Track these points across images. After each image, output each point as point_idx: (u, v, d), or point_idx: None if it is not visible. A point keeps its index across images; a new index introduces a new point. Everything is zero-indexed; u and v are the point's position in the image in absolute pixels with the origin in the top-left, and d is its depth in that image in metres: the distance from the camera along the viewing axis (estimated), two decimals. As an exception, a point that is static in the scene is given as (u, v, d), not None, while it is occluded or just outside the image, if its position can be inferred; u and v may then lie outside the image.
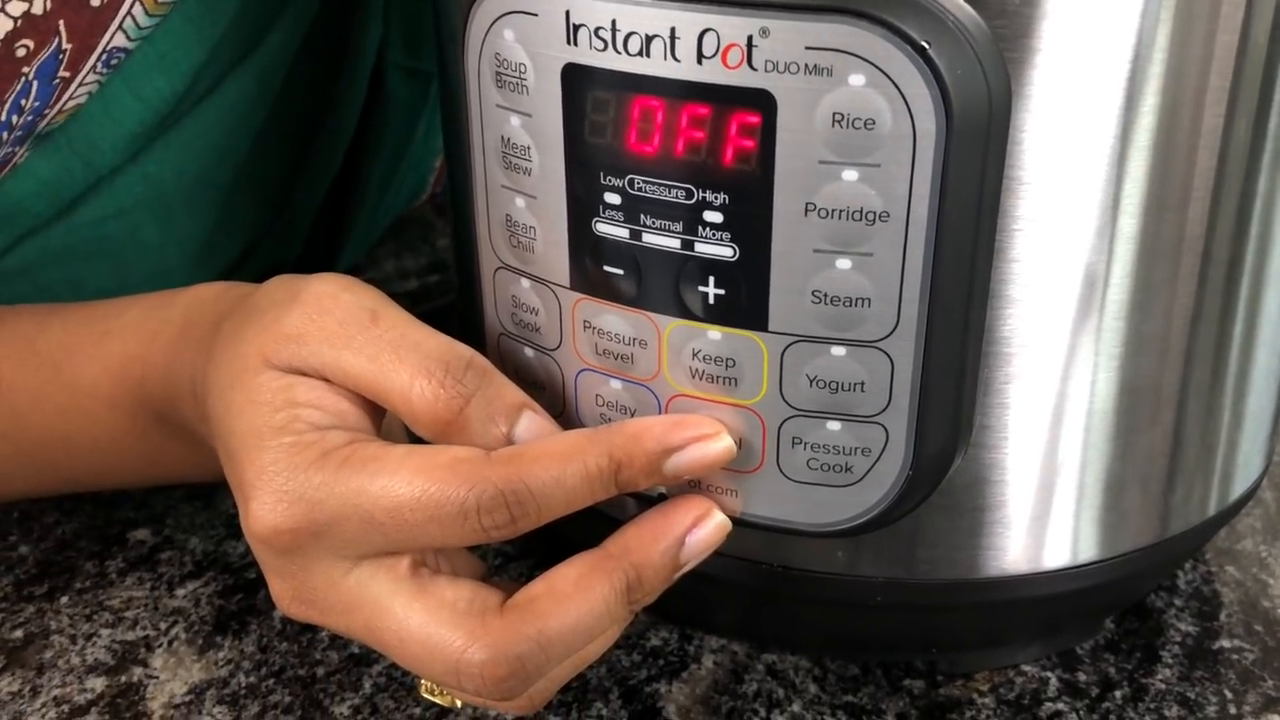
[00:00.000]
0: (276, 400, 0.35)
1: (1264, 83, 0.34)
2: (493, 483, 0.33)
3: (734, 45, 0.31)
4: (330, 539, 0.34)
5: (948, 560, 0.38)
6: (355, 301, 0.36)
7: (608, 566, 0.34)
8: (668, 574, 0.35)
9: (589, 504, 0.34)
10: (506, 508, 0.33)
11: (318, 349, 0.35)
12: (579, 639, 0.34)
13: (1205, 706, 0.41)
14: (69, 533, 0.50)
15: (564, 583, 0.34)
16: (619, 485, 0.34)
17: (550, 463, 0.33)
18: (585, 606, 0.34)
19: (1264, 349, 0.39)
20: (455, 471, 0.33)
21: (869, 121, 0.31)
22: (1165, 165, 0.34)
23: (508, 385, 0.36)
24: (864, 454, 0.35)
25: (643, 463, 0.34)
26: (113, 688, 0.43)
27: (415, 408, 0.35)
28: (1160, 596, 0.46)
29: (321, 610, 0.35)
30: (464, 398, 0.35)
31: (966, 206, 0.32)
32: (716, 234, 0.33)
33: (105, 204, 0.50)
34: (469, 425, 0.35)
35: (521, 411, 0.35)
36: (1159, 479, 0.39)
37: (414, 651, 0.34)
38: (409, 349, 0.35)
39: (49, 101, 0.43)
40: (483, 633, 0.33)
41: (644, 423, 0.35)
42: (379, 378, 0.35)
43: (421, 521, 0.33)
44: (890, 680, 0.43)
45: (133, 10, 0.43)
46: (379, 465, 0.33)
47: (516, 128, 0.35)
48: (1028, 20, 0.31)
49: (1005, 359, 0.35)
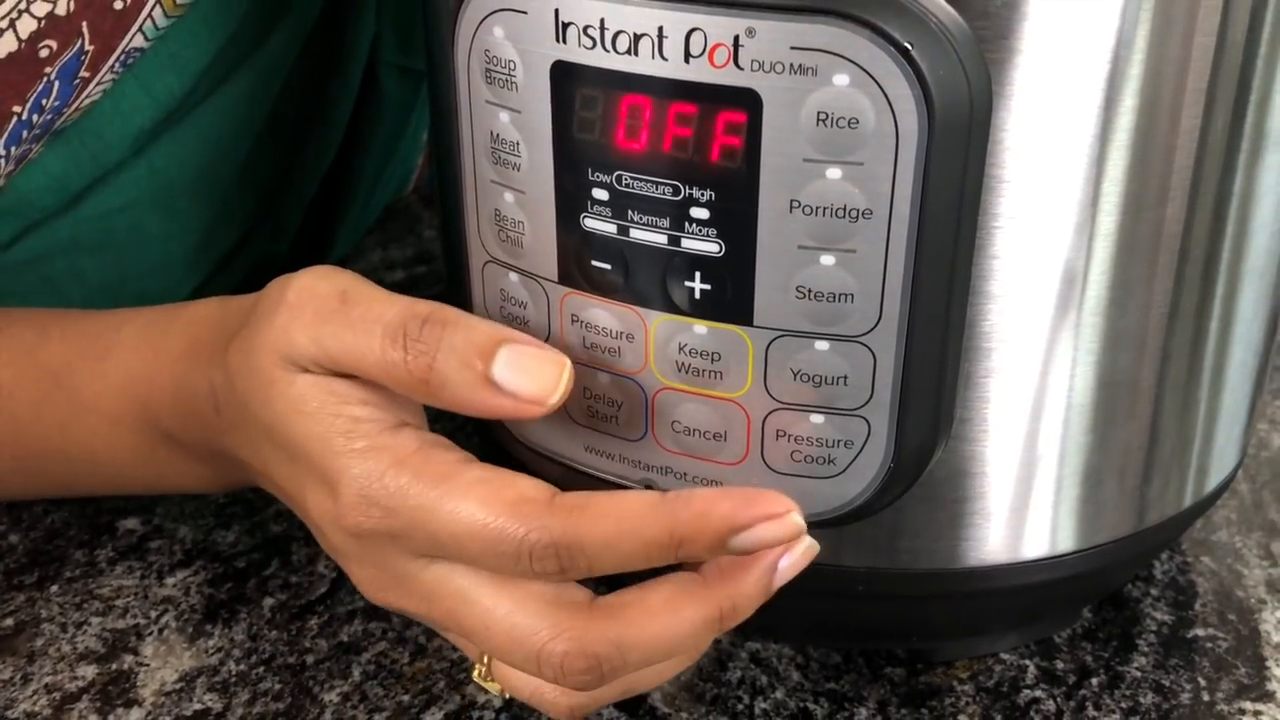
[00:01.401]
0: (327, 407, 0.36)
1: (1240, 84, 0.34)
2: (550, 531, 0.33)
3: (720, 45, 0.31)
4: (404, 543, 0.35)
5: (928, 550, 0.39)
6: (328, 288, 0.36)
7: (702, 594, 0.34)
8: (759, 600, 0.35)
9: (647, 567, 0.34)
10: (556, 558, 0.33)
11: (305, 343, 0.36)
12: (659, 653, 0.34)
13: (1180, 694, 0.42)
14: (59, 522, 0.50)
15: (656, 598, 0.34)
16: (679, 558, 0.34)
17: (608, 524, 0.33)
18: (671, 625, 0.34)
19: (1239, 345, 0.40)
20: (518, 512, 0.33)
21: (853, 121, 0.31)
22: (1143, 164, 0.34)
23: (477, 326, 0.35)
24: (846, 446, 0.35)
25: (708, 540, 0.33)
26: (103, 675, 0.43)
27: (392, 376, 0.35)
28: (1137, 586, 0.47)
29: (402, 596, 0.36)
30: (428, 354, 0.35)
31: (948, 204, 0.32)
32: (703, 230, 0.34)
33: (111, 197, 0.50)
34: (445, 379, 0.35)
35: (498, 348, 0.35)
36: (1136, 471, 0.40)
37: (498, 639, 0.34)
38: (372, 321, 0.35)
39: (69, 101, 0.44)
40: (569, 625, 0.34)
41: (712, 497, 0.33)
42: (355, 356, 0.35)
43: (479, 553, 0.34)
44: (872, 668, 0.43)
45: (153, 13, 0.43)
46: (448, 488, 0.34)
47: (506, 124, 0.36)
48: (1008, 22, 0.31)
49: (985, 354, 0.36)
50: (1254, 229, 0.38)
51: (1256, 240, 0.38)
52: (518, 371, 0.35)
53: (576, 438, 0.39)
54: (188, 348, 0.41)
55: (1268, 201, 0.37)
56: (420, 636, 0.45)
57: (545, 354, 0.35)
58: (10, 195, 0.48)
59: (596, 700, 0.36)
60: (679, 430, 0.37)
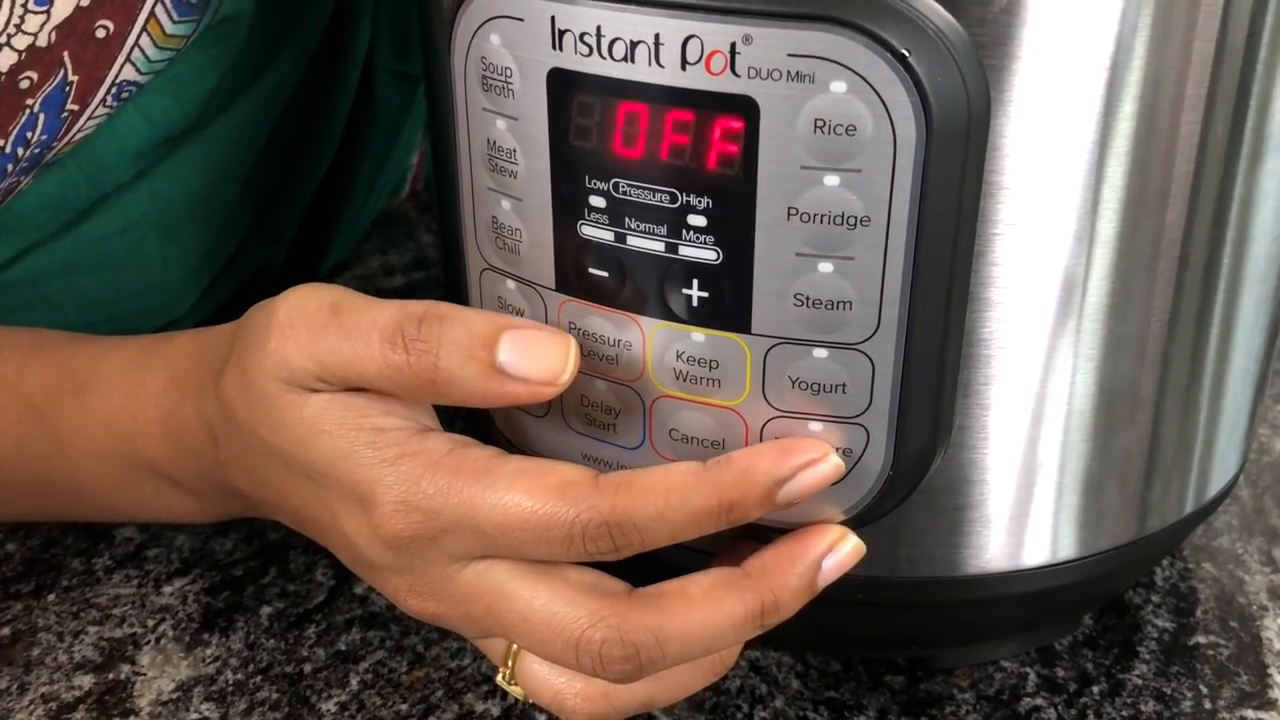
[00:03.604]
0: (347, 422, 0.35)
1: (1240, 89, 0.34)
2: (599, 511, 0.33)
3: (717, 52, 0.31)
4: (446, 544, 0.35)
5: (928, 558, 0.38)
6: (317, 303, 0.36)
7: (744, 586, 0.34)
8: (803, 598, 0.35)
9: (698, 536, 0.34)
10: (610, 536, 0.33)
11: (303, 363, 0.35)
12: (698, 646, 0.34)
13: (1181, 701, 0.42)
14: (56, 530, 0.50)
15: (696, 589, 0.34)
16: (730, 522, 0.34)
17: (656, 498, 0.33)
18: (712, 616, 0.34)
19: (1240, 350, 0.40)
20: (564, 495, 0.33)
21: (850, 128, 0.31)
22: (1143, 170, 0.34)
23: (476, 318, 0.35)
24: (845, 454, 0.35)
25: (756, 498, 0.34)
26: (100, 685, 0.43)
27: (397, 381, 0.35)
28: (1138, 593, 0.47)
29: (439, 600, 0.36)
30: (431, 352, 0.34)
31: (946, 211, 0.32)
32: (700, 237, 0.34)
33: (111, 220, 0.50)
34: (452, 374, 0.34)
35: (500, 336, 0.34)
36: (1137, 478, 0.40)
37: (537, 630, 0.34)
38: (368, 328, 0.35)
39: (57, 134, 0.44)
40: (607, 613, 0.34)
41: (751, 456, 0.34)
42: (357, 366, 0.35)
43: (529, 540, 0.34)
44: (872, 676, 0.43)
45: (140, 42, 0.43)
46: (491, 480, 0.34)
47: (502, 131, 0.36)
48: (1007, 28, 0.31)
49: (985, 361, 0.36)
50: (1254, 234, 0.38)
51: (1257, 245, 0.38)
52: (524, 355, 0.34)
53: (574, 446, 0.39)
54: (168, 382, 0.41)
55: (1268, 207, 0.37)
56: (418, 645, 0.44)
57: (548, 334, 0.35)
58: (7, 215, 0.47)
59: (617, 710, 0.36)
60: (677, 438, 0.37)
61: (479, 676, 0.43)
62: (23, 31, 0.40)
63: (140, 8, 0.43)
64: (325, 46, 0.57)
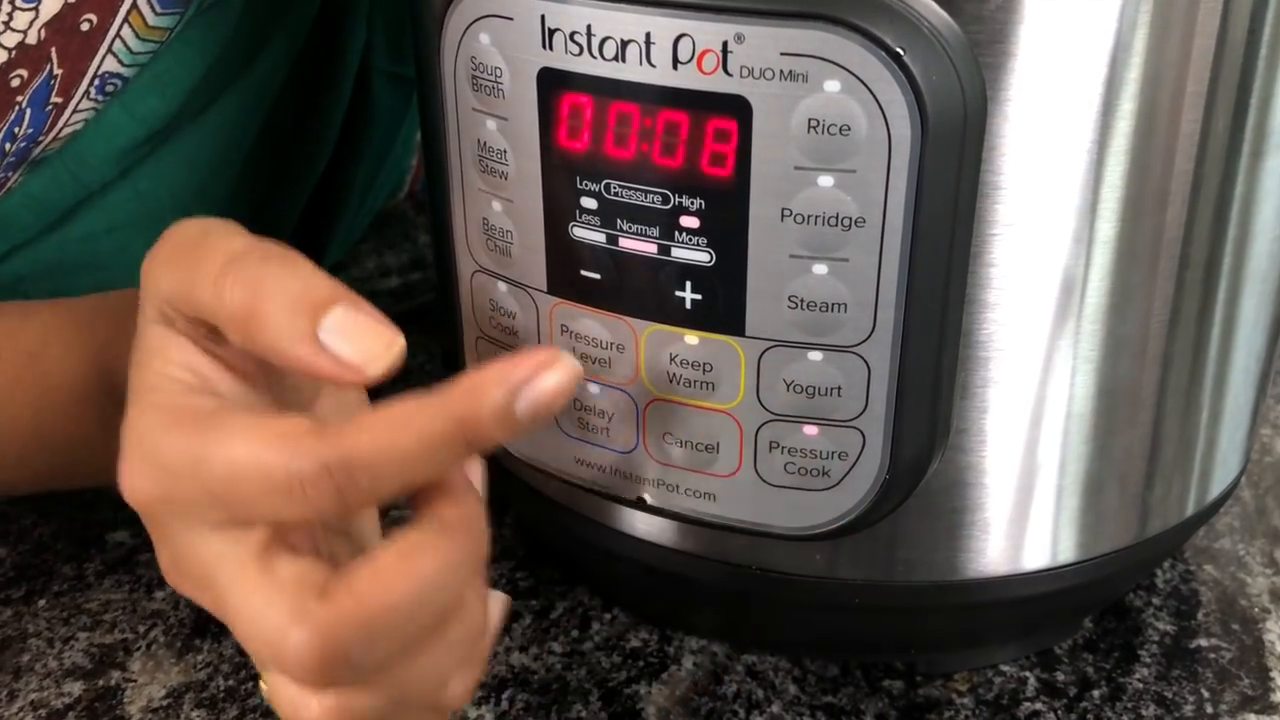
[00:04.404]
0: (154, 359, 0.33)
1: (1240, 87, 0.34)
2: (316, 454, 0.30)
3: (709, 51, 0.31)
4: (180, 507, 0.32)
5: (926, 562, 0.38)
6: (196, 229, 0.34)
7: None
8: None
9: (441, 472, 0.32)
10: (331, 480, 0.30)
11: (157, 282, 0.34)
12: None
13: (1182, 705, 0.42)
14: (47, 535, 0.50)
15: (385, 555, 0.31)
16: (470, 446, 0.31)
17: (380, 431, 0.30)
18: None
19: (1241, 350, 0.39)
20: (284, 442, 0.31)
21: (844, 127, 0.31)
22: (1142, 169, 0.34)
23: (320, 280, 0.32)
24: (841, 458, 0.35)
25: (490, 411, 0.31)
26: (90, 691, 0.42)
27: (216, 308, 0.32)
28: (1139, 595, 0.46)
29: (187, 579, 0.33)
30: (258, 290, 0.32)
31: (942, 212, 0.32)
32: (693, 239, 0.33)
33: (97, 219, 0.50)
34: (267, 320, 0.31)
35: (333, 305, 0.32)
36: (1137, 480, 0.39)
37: (244, 632, 0.32)
38: (218, 252, 0.32)
39: (43, 129, 0.43)
40: (302, 614, 0.31)
41: (479, 373, 0.31)
42: (194, 291, 0.33)
43: (255, 494, 0.31)
44: (869, 681, 0.43)
45: (121, 33, 0.43)
46: (219, 434, 0.31)
47: (493, 131, 0.35)
48: (1003, 26, 0.31)
49: (983, 362, 0.35)
50: (1255, 233, 0.37)
51: (1258, 244, 0.37)
52: (344, 335, 0.32)
53: (567, 450, 0.38)
54: None
55: (1269, 205, 0.37)
56: (412, 650, 0.44)
57: (379, 326, 0.32)
58: None
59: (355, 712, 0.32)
60: (670, 442, 0.36)
61: (473, 682, 0.43)
62: (11, 29, 0.40)
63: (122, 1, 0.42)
64: (319, 48, 0.57)
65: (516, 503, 0.49)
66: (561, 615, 0.46)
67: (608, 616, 0.45)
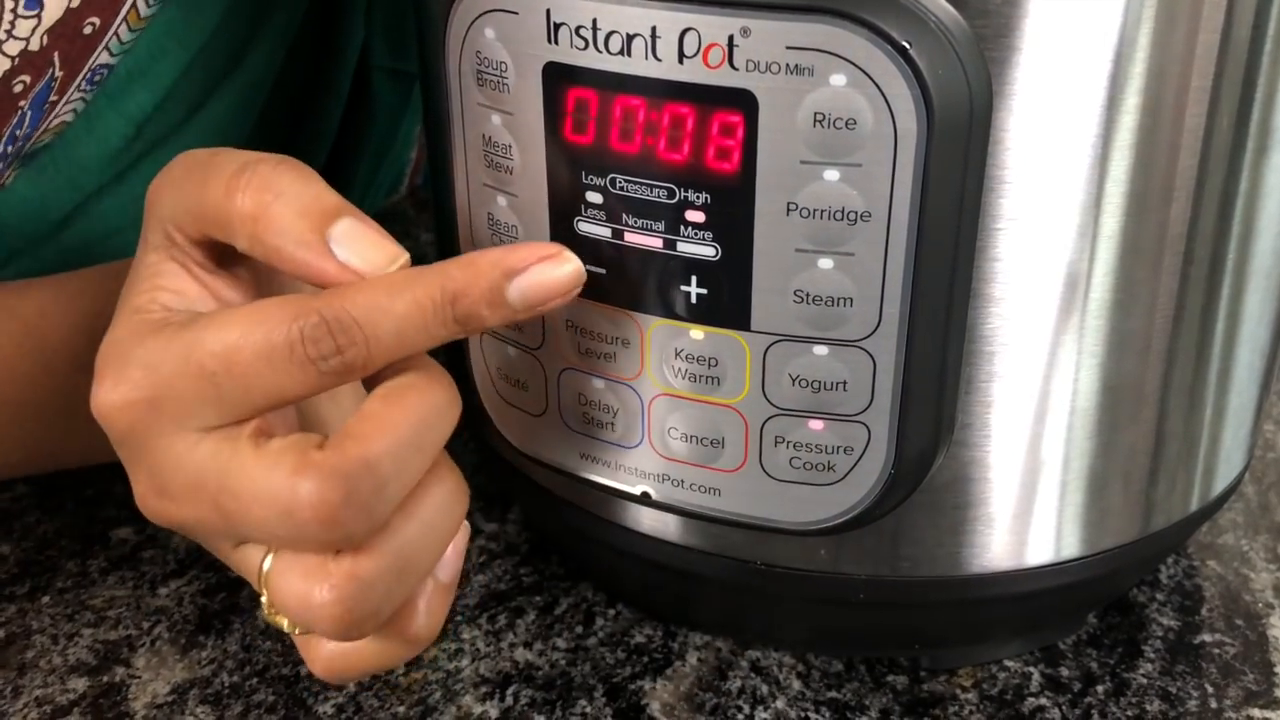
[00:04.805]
0: (144, 284, 0.34)
1: (1245, 82, 0.34)
2: (316, 310, 0.31)
3: (715, 45, 0.31)
4: (168, 406, 0.32)
5: (930, 558, 0.38)
6: (204, 151, 0.34)
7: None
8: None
9: (428, 343, 0.32)
10: (330, 335, 0.31)
11: (167, 201, 0.34)
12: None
13: (1186, 701, 0.42)
14: (51, 532, 0.50)
15: (373, 402, 0.32)
16: (458, 319, 0.32)
17: (376, 292, 0.31)
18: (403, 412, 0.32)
19: (1245, 346, 0.39)
20: (282, 307, 0.31)
21: (850, 121, 0.31)
22: (1147, 164, 0.34)
23: (330, 191, 0.33)
24: (846, 453, 0.35)
25: (481, 291, 0.32)
26: (95, 688, 0.42)
27: (231, 213, 0.32)
28: (1142, 591, 0.46)
29: (174, 497, 0.33)
30: (269, 192, 0.32)
31: (948, 206, 0.32)
32: (699, 233, 0.33)
33: (94, 225, 0.50)
34: (277, 222, 0.32)
35: (341, 216, 0.32)
36: (1141, 475, 0.39)
37: (254, 512, 0.32)
38: (231, 159, 0.33)
39: (38, 125, 0.43)
40: (306, 465, 0.31)
41: (480, 252, 0.32)
42: (203, 198, 0.33)
43: (251, 361, 0.31)
44: (874, 676, 0.43)
45: (118, 30, 0.43)
46: (214, 318, 0.32)
47: (498, 126, 0.35)
48: (1009, 20, 0.31)
49: (987, 357, 0.35)
50: (1260, 228, 0.37)
51: (1263, 240, 0.37)
52: (352, 241, 0.32)
53: (572, 445, 0.38)
54: None
55: (1274, 200, 0.37)
56: (416, 646, 0.44)
57: (384, 241, 0.33)
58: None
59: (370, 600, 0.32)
60: (676, 437, 0.36)
61: (477, 678, 0.43)
62: (14, 37, 0.40)
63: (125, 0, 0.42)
64: (317, 46, 0.57)
65: (520, 498, 0.49)
66: (566, 611, 0.46)
67: (612, 612, 0.45)
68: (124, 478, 0.35)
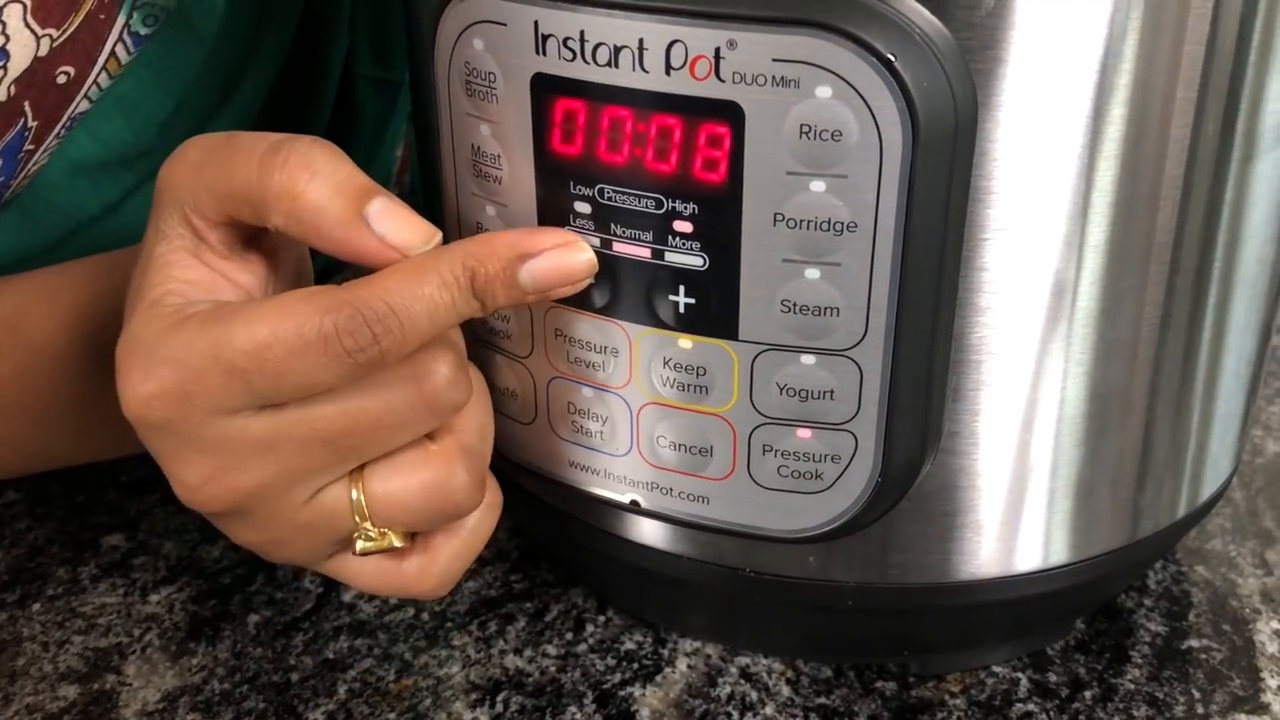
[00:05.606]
0: (155, 276, 0.34)
1: (1230, 92, 0.34)
2: (349, 303, 0.31)
3: (702, 56, 0.31)
4: (200, 399, 0.32)
5: (918, 565, 0.38)
6: (220, 136, 0.34)
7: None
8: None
9: (456, 319, 0.33)
10: (367, 326, 0.31)
11: (177, 191, 0.34)
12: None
13: (1174, 706, 0.42)
14: (41, 539, 0.50)
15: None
16: (477, 294, 0.33)
17: (404, 277, 0.32)
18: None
19: (1232, 353, 0.40)
20: (311, 301, 0.32)
21: (836, 133, 0.31)
22: (1133, 174, 0.34)
23: (357, 170, 0.33)
24: (833, 461, 0.35)
25: (496, 268, 0.33)
26: (85, 695, 0.42)
27: (259, 189, 0.33)
28: (1130, 596, 0.47)
29: (245, 467, 0.33)
30: (307, 170, 0.32)
31: (933, 217, 0.32)
32: (686, 243, 0.33)
33: (87, 251, 0.50)
34: (314, 201, 0.32)
35: (375, 194, 0.33)
36: (1129, 482, 0.39)
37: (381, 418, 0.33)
38: (259, 141, 0.33)
39: (14, 174, 0.43)
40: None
41: (496, 233, 0.34)
42: (232, 182, 0.33)
43: (283, 357, 0.31)
44: (863, 682, 0.43)
45: (97, 79, 0.43)
46: (240, 314, 0.32)
47: (486, 136, 0.35)
48: (993, 32, 0.31)
49: (974, 366, 0.35)
50: (1245, 237, 0.37)
51: (1248, 248, 0.38)
52: (389, 218, 0.33)
53: (562, 453, 0.39)
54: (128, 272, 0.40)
55: (1259, 209, 0.37)
56: (406, 654, 0.44)
57: (418, 220, 0.34)
58: None
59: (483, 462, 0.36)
60: (665, 445, 0.36)
61: (467, 685, 0.43)
62: None
63: (100, 50, 0.42)
64: (300, 57, 0.57)
65: (511, 505, 0.49)
66: (556, 618, 0.46)
67: (602, 619, 0.46)
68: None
